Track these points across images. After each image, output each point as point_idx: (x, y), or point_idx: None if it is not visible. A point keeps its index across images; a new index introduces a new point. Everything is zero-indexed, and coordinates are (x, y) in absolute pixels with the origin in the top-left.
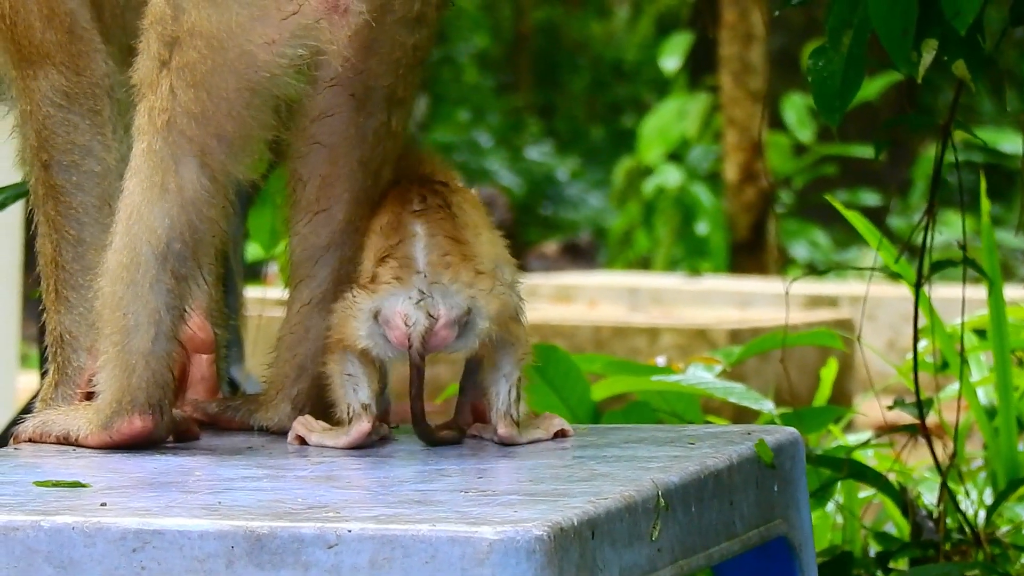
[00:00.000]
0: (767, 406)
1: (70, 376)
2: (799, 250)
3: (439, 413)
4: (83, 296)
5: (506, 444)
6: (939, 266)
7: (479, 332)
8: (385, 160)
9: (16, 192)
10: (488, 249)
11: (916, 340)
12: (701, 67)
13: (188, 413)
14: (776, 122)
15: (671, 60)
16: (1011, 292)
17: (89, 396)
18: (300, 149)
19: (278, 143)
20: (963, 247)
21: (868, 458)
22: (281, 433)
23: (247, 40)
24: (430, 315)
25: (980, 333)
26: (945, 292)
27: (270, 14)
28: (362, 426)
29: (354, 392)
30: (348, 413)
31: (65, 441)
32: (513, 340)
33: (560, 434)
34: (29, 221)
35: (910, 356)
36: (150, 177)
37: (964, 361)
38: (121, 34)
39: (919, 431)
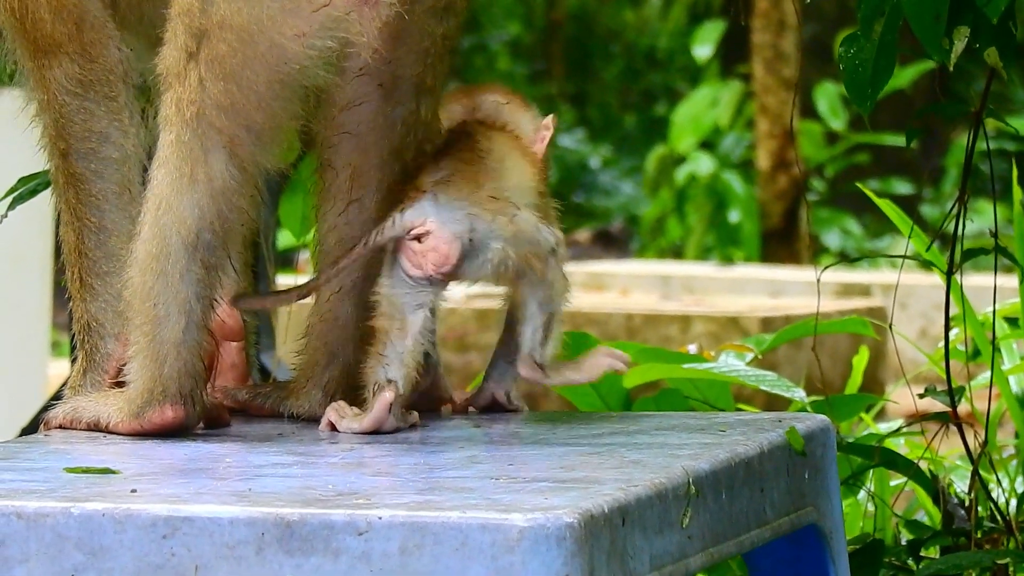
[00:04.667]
0: (798, 394)
1: (98, 363)
2: (831, 238)
3: (470, 400)
4: (107, 283)
5: (531, 382)
6: (971, 254)
7: (492, 255)
8: (416, 149)
9: (46, 179)
10: (512, 181)
11: (948, 328)
12: (734, 55)
13: (218, 400)
14: (808, 110)
15: (704, 48)
16: None
17: (118, 383)
18: (330, 139)
19: (309, 132)
20: (995, 235)
21: (899, 446)
22: (312, 420)
23: (278, 33)
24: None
25: (1012, 321)
26: (977, 280)
27: (301, 6)
28: (384, 397)
29: (383, 370)
30: (372, 390)
31: (95, 428)
32: (538, 279)
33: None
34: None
35: (942, 344)
36: (179, 168)
37: (996, 349)
38: (138, 23)
39: (951, 419)
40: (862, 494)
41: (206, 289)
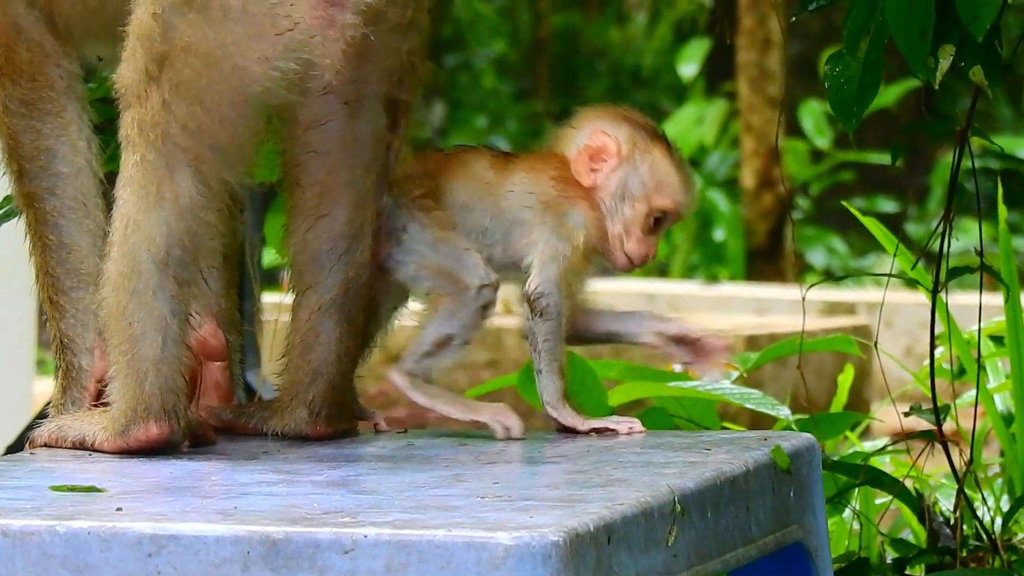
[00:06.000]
0: (784, 412)
1: (76, 379)
2: (816, 256)
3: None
4: (72, 299)
5: (396, 388)
6: (956, 272)
7: (415, 257)
8: (393, 163)
9: None
10: (464, 200)
11: (933, 346)
12: (719, 73)
13: (203, 419)
14: (794, 128)
15: (689, 66)
16: None
17: (102, 402)
18: (296, 157)
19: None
20: (980, 253)
21: (885, 464)
22: (297, 438)
23: (242, 56)
24: None
25: (997, 339)
26: (962, 299)
27: (265, 31)
28: None
29: None
30: None
31: (81, 446)
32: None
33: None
34: None
35: (927, 362)
36: (145, 187)
37: (981, 367)
38: (83, 38)
39: (936, 437)
40: (847, 512)
41: (181, 304)
